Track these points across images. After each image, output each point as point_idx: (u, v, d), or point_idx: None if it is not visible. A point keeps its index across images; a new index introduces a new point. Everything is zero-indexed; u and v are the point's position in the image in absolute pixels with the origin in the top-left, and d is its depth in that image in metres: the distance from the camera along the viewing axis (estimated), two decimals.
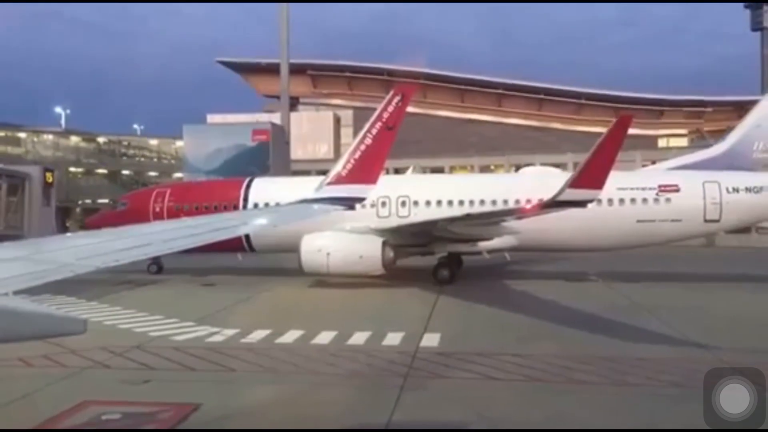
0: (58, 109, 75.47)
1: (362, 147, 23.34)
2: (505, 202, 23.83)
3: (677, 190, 23.72)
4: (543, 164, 45.87)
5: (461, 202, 24.67)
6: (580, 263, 28.37)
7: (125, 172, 66.35)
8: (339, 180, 22.61)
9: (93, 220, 29.31)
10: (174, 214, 25.86)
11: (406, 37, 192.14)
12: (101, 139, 69.69)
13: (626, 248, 25.69)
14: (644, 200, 23.89)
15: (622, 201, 23.90)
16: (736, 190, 23.44)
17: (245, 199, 26.09)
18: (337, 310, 18.96)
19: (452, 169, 53.23)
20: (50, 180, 27.95)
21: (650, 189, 23.94)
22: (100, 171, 66.02)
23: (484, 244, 23.71)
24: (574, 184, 17.97)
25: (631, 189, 24.07)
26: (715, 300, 19.56)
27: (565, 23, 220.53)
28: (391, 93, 23.80)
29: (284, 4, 45.21)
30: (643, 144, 57.11)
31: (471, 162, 54.17)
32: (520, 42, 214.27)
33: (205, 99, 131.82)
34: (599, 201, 23.27)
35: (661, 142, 67.83)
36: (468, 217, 22.14)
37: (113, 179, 64.75)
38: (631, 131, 27.16)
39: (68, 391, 10.23)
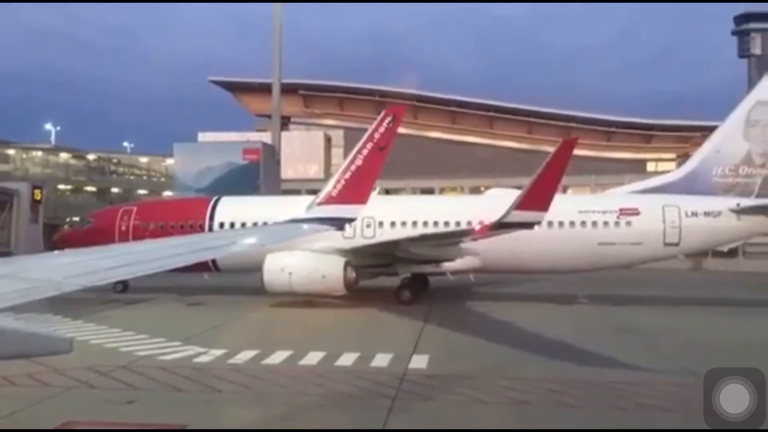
0: (48, 126, 75.39)
1: (353, 167, 23.38)
2: (469, 223, 23.89)
3: (638, 214, 23.99)
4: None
5: (425, 223, 24.73)
6: (568, 285, 28.40)
7: (114, 189, 65.97)
8: (329, 200, 22.59)
9: (59, 238, 28.92)
10: (140, 232, 25.72)
11: (397, 58, 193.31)
12: (91, 157, 69.37)
13: (589, 271, 25.91)
14: (605, 223, 24.09)
15: (584, 224, 24.16)
16: (695, 214, 23.75)
17: (211, 219, 25.98)
18: (325, 330, 18.87)
19: (442, 191, 53.40)
20: (39, 197, 27.79)
21: (611, 212, 24.19)
22: (89, 188, 65.61)
23: (447, 266, 23.88)
24: (520, 206, 18.35)
25: (593, 212, 24.35)
26: (703, 324, 19.60)
27: (558, 49, 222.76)
28: (383, 114, 23.90)
29: (278, 24, 45.47)
30: (632, 168, 57.44)
31: (461, 183, 54.29)
32: (512, 65, 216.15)
33: (196, 117, 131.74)
34: (561, 223, 23.80)
35: (650, 166, 68.20)
36: (423, 238, 22.27)
37: (102, 197, 64.35)
38: (621, 155, 27.58)
39: (52, 410, 10.10)
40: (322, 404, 10.80)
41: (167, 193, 50.63)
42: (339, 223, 21.27)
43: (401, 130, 25.73)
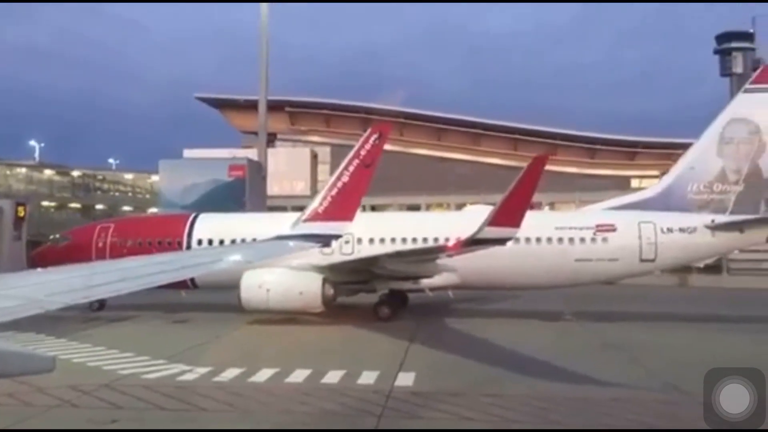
0: (32, 142, 74.99)
1: (339, 184, 23.42)
2: (447, 239, 23.97)
3: (614, 230, 24.19)
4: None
5: (404, 240, 24.79)
6: (553, 301, 28.47)
7: (99, 206, 65.53)
8: (315, 217, 22.59)
9: (36, 255, 28.53)
10: (117, 249, 25.55)
11: (384, 75, 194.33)
12: (75, 173, 68.93)
13: (566, 287, 26.06)
14: (582, 240, 24.28)
15: (560, 240, 24.35)
16: (670, 230, 24.00)
17: (189, 236, 25.84)
18: (310, 347, 18.77)
19: (429, 207, 53.46)
20: (22, 214, 27.54)
21: (588, 229, 24.38)
22: (74, 205, 65.16)
23: (426, 282, 23.91)
24: (493, 222, 18.54)
25: (570, 228, 24.54)
26: (689, 341, 19.67)
27: (544, 66, 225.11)
28: (369, 131, 24.03)
29: (264, 41, 45.57)
30: (616, 185, 57.87)
31: (448, 200, 54.40)
32: (497, 82, 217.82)
33: (182, 134, 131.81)
34: (539, 240, 24.09)
35: (635, 183, 68.74)
36: (399, 255, 22.32)
37: (87, 213, 63.87)
38: (606, 172, 27.87)
39: (40, 429, 9.97)
40: (307, 423, 10.73)
41: (152, 210, 50.35)
42: (325, 240, 21.31)
43: (387, 146, 25.83)
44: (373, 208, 40.63)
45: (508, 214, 18.22)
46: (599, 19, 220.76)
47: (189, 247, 25.51)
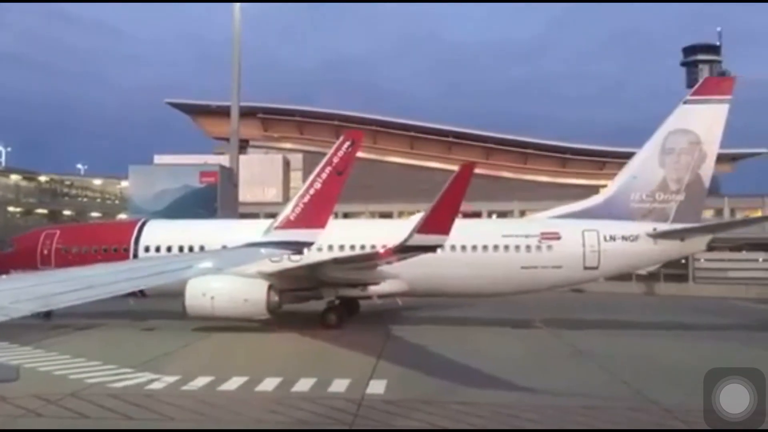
0: None
1: (312, 191, 23.33)
2: (383, 246, 24.24)
3: (558, 238, 24.57)
4: (491, 211, 46.74)
5: (352, 247, 24.80)
6: (523, 310, 28.69)
7: (66, 212, 64.58)
8: (287, 224, 22.48)
9: None
10: (62, 257, 25.16)
11: (358, 84, 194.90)
12: (42, 178, 67.89)
13: (512, 294, 26.31)
14: (527, 247, 24.59)
15: (507, 248, 24.64)
16: (613, 238, 24.42)
17: (136, 243, 25.47)
18: (280, 355, 18.65)
19: (401, 215, 53.49)
20: None
21: (533, 236, 24.71)
22: (40, 211, 64.14)
23: (373, 289, 24.06)
24: (422, 229, 18.83)
25: (516, 236, 24.85)
26: (656, 348, 19.93)
27: (512, 76, 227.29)
28: (342, 138, 24.03)
29: (237, 46, 45.37)
30: (587, 193, 58.46)
31: (420, 207, 54.37)
32: (469, 93, 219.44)
33: (153, 140, 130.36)
34: (486, 247, 24.48)
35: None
36: (335, 261, 22.29)
37: (54, 219, 62.92)
38: (576, 181, 28.34)
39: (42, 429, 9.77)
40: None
41: (121, 216, 49.76)
42: (297, 248, 21.21)
43: (361, 154, 25.88)
44: (346, 216, 40.51)
45: (437, 222, 18.55)
46: (566, 33, 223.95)
47: (136, 254, 25.16)
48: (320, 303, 24.61)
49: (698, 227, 25.14)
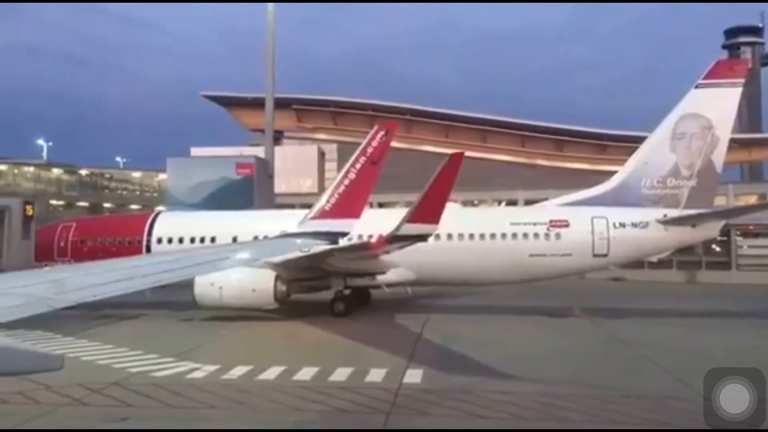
0: (41, 141, 75.23)
1: (346, 181, 23.45)
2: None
3: (567, 226, 24.32)
4: (525, 200, 46.32)
5: (360, 237, 24.54)
6: (561, 298, 28.41)
7: (107, 204, 65.74)
8: (323, 214, 22.61)
9: None
10: (78, 249, 25.89)
11: (390, 73, 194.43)
12: (83, 172, 69.15)
13: (520, 282, 26.09)
14: (536, 235, 24.38)
15: (515, 236, 24.47)
16: (623, 225, 24.07)
17: (149, 234, 26.07)
18: (318, 344, 18.76)
19: None
20: (30, 213, 27.50)
21: (541, 224, 24.50)
22: (82, 204, 65.38)
23: (381, 278, 24.24)
24: (411, 219, 18.93)
25: (524, 224, 24.65)
26: (697, 337, 19.58)
27: (544, 64, 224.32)
28: (376, 128, 24.05)
29: (270, 38, 45.52)
30: None
31: (454, 197, 54.28)
32: (502, 79, 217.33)
33: (190, 133, 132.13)
34: (493, 235, 24.33)
35: None
36: (329, 252, 22.16)
37: (94, 212, 64.14)
38: (615, 168, 27.88)
39: (44, 428, 9.97)
40: (316, 421, 10.70)
41: (160, 208, 50.43)
42: (332, 238, 21.31)
43: (395, 144, 25.89)
44: (381, 205, 40.49)
45: (427, 211, 18.64)
46: (596, 18, 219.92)
47: (149, 245, 25.83)
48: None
49: (709, 213, 24.66)
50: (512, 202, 42.98)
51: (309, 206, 24.55)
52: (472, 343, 18.21)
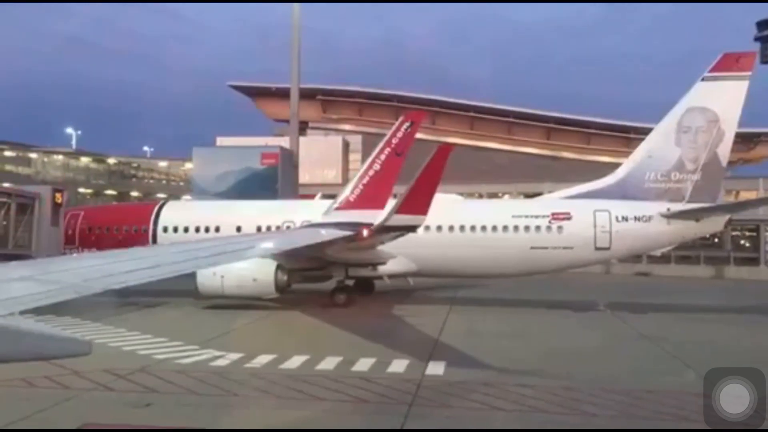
0: (70, 130, 76.24)
1: (371, 172, 23.51)
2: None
3: (569, 219, 24.16)
4: (550, 192, 46.01)
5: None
6: (585, 292, 28.25)
7: (134, 193, 66.56)
8: (347, 205, 22.70)
9: None
10: (86, 236, 26.47)
11: (415, 64, 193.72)
12: (111, 161, 70.08)
13: (522, 275, 26.08)
14: (537, 228, 24.26)
15: (516, 228, 24.38)
16: (625, 218, 23.89)
17: (155, 223, 26.47)
18: (341, 334, 18.83)
19: (463, 196, 53.25)
20: (59, 200, 27.91)
21: (543, 217, 24.37)
22: (110, 192, 66.26)
23: (382, 269, 24.36)
24: (400, 210, 19.04)
25: (526, 217, 24.55)
26: (724, 333, 19.36)
27: (574, 55, 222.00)
28: (401, 119, 24.06)
29: (296, 29, 45.63)
30: None
31: (479, 189, 54.13)
32: (530, 71, 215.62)
33: (215, 123, 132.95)
34: (495, 228, 24.35)
35: None
36: (329, 241, 22.01)
37: (122, 200, 64.98)
38: None
39: (71, 412, 10.15)
40: (337, 411, 10.76)
41: (186, 197, 50.91)
42: (356, 228, 21.38)
43: (419, 135, 25.82)
44: None
45: (415, 202, 18.77)
46: (630, 10, 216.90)
47: (155, 234, 26.25)
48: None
49: (711, 207, 24.36)
50: (537, 195, 42.70)
51: (332, 197, 24.69)
52: (495, 336, 18.21)
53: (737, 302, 27.21)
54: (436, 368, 13.59)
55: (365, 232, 20.47)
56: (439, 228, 24.19)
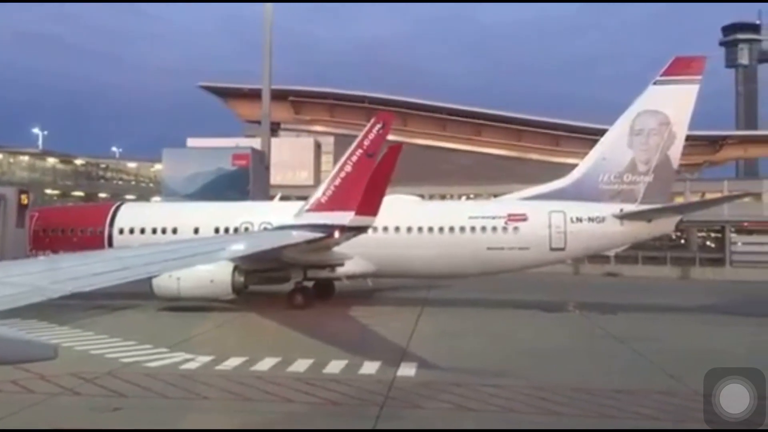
0: (36, 130, 74.82)
1: (342, 174, 23.43)
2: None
3: (525, 219, 24.49)
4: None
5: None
6: (555, 292, 28.52)
7: (102, 195, 65.57)
8: (318, 206, 22.62)
9: None
10: (39, 239, 25.84)
11: (387, 65, 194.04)
12: (79, 161, 68.90)
13: (479, 275, 26.27)
14: (494, 229, 24.56)
15: (473, 229, 24.64)
16: (579, 219, 24.29)
17: (111, 225, 26.04)
18: (311, 336, 18.74)
19: (431, 197, 53.35)
20: (25, 202, 27.40)
21: (500, 218, 24.66)
22: (77, 193, 65.18)
23: (341, 270, 24.47)
24: (357, 211, 19.92)
25: (482, 218, 24.83)
26: (690, 332, 19.69)
27: (547, 58, 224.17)
28: (372, 120, 24.03)
29: (268, 30, 45.39)
30: None
31: (450, 191, 54.34)
32: (500, 72, 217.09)
33: (185, 123, 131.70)
34: (452, 229, 24.68)
35: None
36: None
37: (90, 202, 64.01)
38: None
39: (37, 417, 10.00)
40: (309, 412, 10.73)
41: (155, 199, 50.34)
42: (328, 230, 21.32)
43: (391, 137, 25.84)
44: None
45: (367, 204, 19.23)
46: (604, 12, 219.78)
47: (110, 236, 25.80)
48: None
49: (663, 208, 24.87)
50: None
51: (304, 198, 24.63)
52: (464, 336, 18.32)
53: (702, 301, 27.65)
54: (407, 370, 13.63)
55: (336, 234, 20.52)
56: (397, 229, 24.47)
